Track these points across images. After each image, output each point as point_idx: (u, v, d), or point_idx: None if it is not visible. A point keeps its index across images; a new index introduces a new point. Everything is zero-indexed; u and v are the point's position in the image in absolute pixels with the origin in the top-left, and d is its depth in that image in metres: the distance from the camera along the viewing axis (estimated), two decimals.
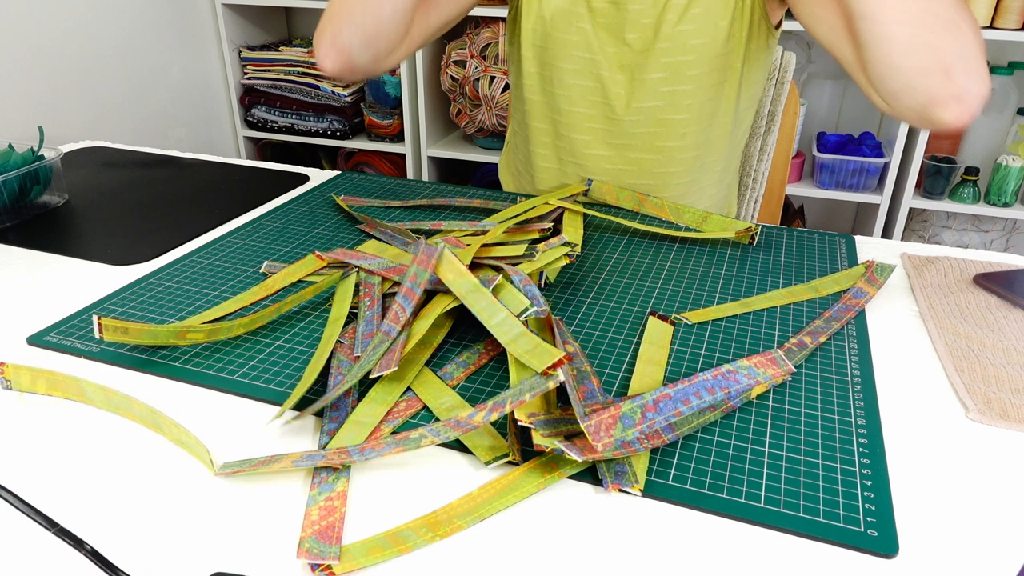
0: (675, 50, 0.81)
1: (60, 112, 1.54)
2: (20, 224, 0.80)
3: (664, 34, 0.80)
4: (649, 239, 0.76)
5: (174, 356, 0.55)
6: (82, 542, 0.39)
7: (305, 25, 2.26)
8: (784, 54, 1.03)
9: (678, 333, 0.59)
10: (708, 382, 0.49)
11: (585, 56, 0.84)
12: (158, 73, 1.82)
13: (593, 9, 0.82)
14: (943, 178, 1.73)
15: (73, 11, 1.54)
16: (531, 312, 0.53)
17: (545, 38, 0.85)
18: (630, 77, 0.84)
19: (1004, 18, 1.56)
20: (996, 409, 0.50)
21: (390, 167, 2.18)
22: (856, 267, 0.69)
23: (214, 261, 0.71)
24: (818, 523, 0.40)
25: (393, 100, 1.99)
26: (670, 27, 0.80)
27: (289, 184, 0.92)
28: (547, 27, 0.84)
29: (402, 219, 0.80)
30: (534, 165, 0.93)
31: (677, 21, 0.79)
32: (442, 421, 0.45)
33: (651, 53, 0.81)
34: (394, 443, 0.44)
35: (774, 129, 1.04)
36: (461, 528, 0.40)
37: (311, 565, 0.38)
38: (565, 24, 0.83)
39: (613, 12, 0.81)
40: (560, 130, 0.88)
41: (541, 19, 0.84)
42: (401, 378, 0.52)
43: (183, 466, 0.45)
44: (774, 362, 0.53)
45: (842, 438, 0.47)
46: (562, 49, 0.84)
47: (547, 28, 0.84)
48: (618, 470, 0.43)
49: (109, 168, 0.99)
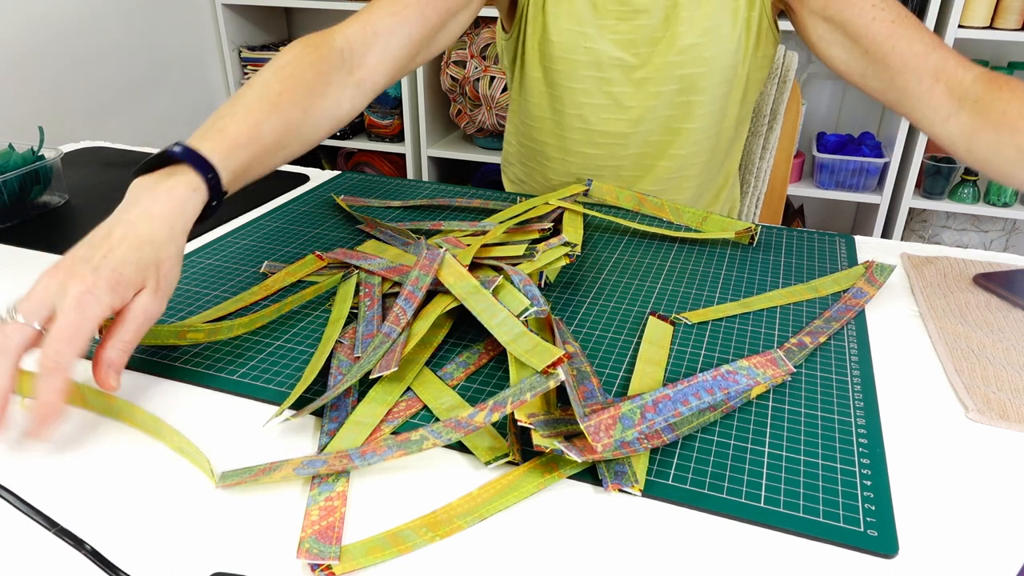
0: (688, 63, 0.81)
1: (60, 112, 1.54)
2: (20, 224, 0.80)
3: (676, 48, 0.80)
4: (649, 239, 0.76)
5: (174, 356, 0.55)
6: (82, 542, 0.39)
7: (305, 25, 2.26)
8: (787, 53, 1.03)
9: (678, 333, 0.59)
10: (708, 382, 0.49)
11: (596, 75, 0.83)
12: (159, 73, 1.82)
13: (602, 27, 0.81)
14: (943, 178, 1.73)
15: (73, 11, 1.54)
16: (531, 312, 0.53)
17: (554, 60, 0.84)
18: (643, 91, 0.83)
19: (1004, 18, 1.56)
20: (996, 409, 0.50)
21: (390, 167, 2.18)
22: (856, 267, 0.69)
23: (214, 261, 0.71)
24: (818, 523, 0.41)
25: (393, 100, 1.99)
26: (682, 40, 0.80)
27: (289, 184, 0.92)
28: (555, 49, 0.83)
29: (402, 219, 0.80)
30: (546, 177, 0.94)
31: (687, 34, 0.79)
32: (443, 422, 0.45)
33: (663, 67, 0.81)
34: (396, 446, 0.44)
35: (776, 127, 1.04)
36: (461, 528, 0.40)
37: (311, 565, 0.38)
38: (574, 45, 0.82)
39: (624, 29, 0.81)
40: (571, 146, 0.89)
41: (548, 41, 0.83)
42: (401, 378, 0.52)
43: (183, 466, 0.45)
44: (774, 362, 0.53)
45: (842, 438, 0.47)
46: (572, 69, 0.83)
47: (556, 51, 0.83)
48: (618, 470, 0.44)
49: (109, 168, 0.99)
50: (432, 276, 0.57)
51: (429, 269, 0.58)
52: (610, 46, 0.82)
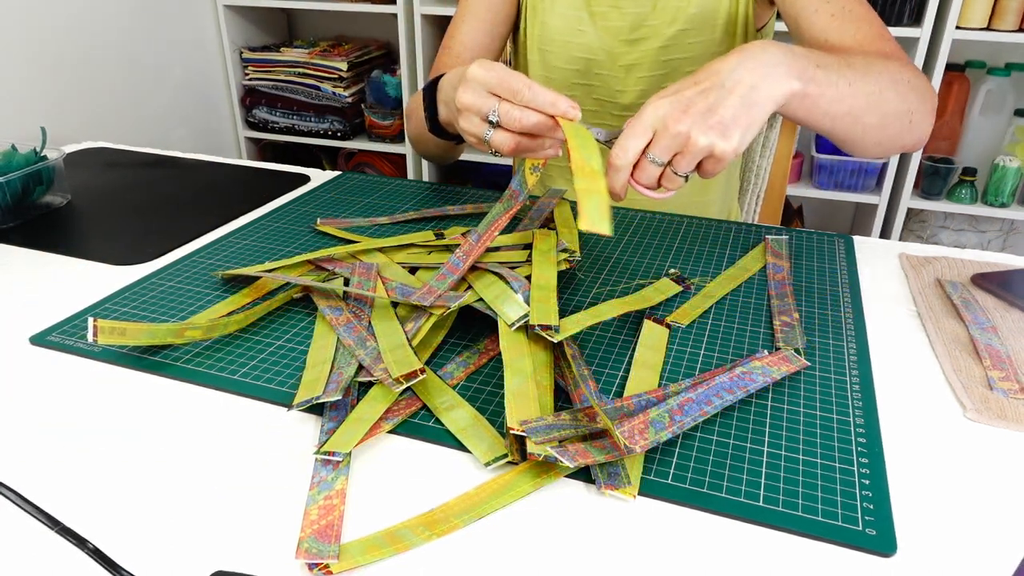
0: (674, 49, 0.84)
1: (63, 113, 1.54)
2: (23, 224, 0.80)
3: (663, 34, 0.84)
4: (649, 239, 0.76)
5: (175, 356, 0.56)
6: (85, 540, 0.39)
7: (306, 26, 2.26)
8: None
9: (676, 335, 0.59)
10: (726, 383, 0.50)
11: (586, 57, 0.88)
12: (160, 74, 1.82)
13: (594, 14, 0.87)
14: (941, 178, 1.73)
15: (75, 12, 1.54)
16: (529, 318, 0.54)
17: (549, 42, 0.89)
18: (632, 76, 0.87)
19: (1001, 19, 1.56)
20: (994, 409, 0.50)
21: (391, 167, 2.18)
22: (756, 248, 0.73)
23: (215, 261, 0.71)
24: (817, 522, 0.41)
25: (393, 101, 1.99)
26: (668, 28, 0.84)
27: (290, 184, 0.92)
28: (551, 32, 0.89)
29: (392, 233, 0.80)
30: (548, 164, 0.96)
31: (674, 21, 0.83)
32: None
33: (651, 53, 0.85)
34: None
35: (776, 125, 1.05)
36: (458, 527, 0.41)
37: (308, 564, 0.38)
38: (568, 29, 0.88)
39: (615, 16, 0.86)
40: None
41: (545, 25, 0.89)
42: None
43: (184, 466, 0.45)
44: (786, 360, 0.54)
45: (841, 437, 0.47)
46: (564, 51, 0.89)
47: (551, 33, 0.89)
48: (612, 471, 0.44)
49: (111, 168, 0.99)
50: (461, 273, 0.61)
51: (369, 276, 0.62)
52: (601, 31, 0.86)
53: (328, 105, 2.01)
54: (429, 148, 0.85)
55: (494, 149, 0.58)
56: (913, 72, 0.65)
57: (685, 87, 0.54)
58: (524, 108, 0.55)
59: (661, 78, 0.86)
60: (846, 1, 0.71)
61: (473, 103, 0.57)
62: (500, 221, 0.62)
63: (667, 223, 0.80)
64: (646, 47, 0.85)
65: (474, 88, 0.57)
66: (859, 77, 0.59)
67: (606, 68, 0.87)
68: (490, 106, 0.56)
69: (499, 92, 0.56)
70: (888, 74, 0.62)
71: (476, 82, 0.57)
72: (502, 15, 0.89)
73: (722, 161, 0.53)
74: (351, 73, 1.99)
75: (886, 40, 0.69)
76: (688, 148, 0.53)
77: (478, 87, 0.57)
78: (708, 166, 0.54)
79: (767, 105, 0.53)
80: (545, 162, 0.61)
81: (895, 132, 0.65)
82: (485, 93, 0.57)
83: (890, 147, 0.67)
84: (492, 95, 0.56)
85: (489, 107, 0.56)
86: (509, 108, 0.56)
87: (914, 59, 1.60)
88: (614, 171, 0.55)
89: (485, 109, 0.56)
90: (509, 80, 0.55)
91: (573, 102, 0.55)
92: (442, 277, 0.60)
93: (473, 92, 0.57)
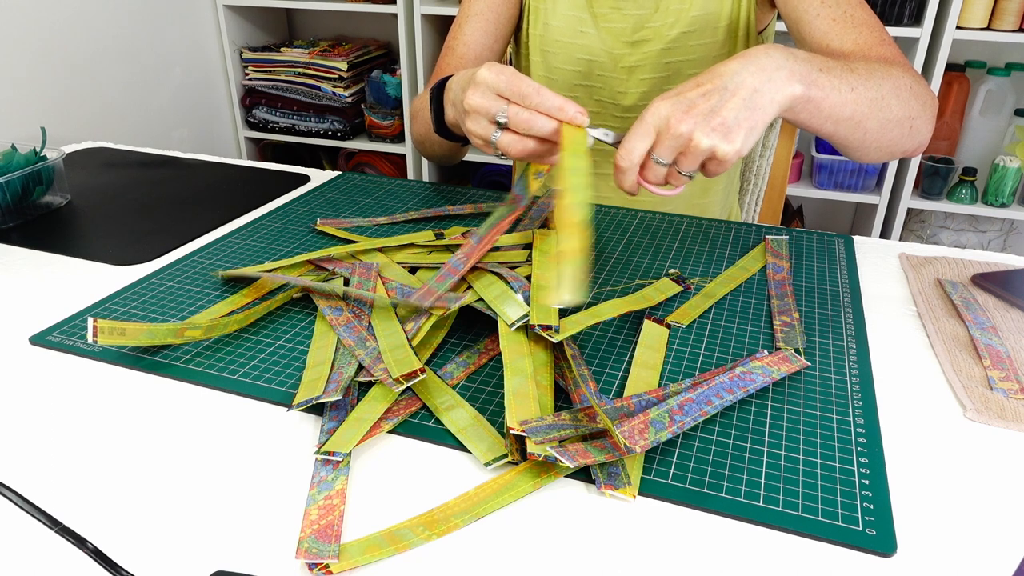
0: (676, 51, 0.84)
1: (63, 113, 1.54)
2: (23, 224, 0.80)
3: (665, 36, 0.84)
4: (649, 239, 0.76)
5: (175, 356, 0.56)
6: (85, 541, 0.39)
7: (306, 26, 2.26)
8: None
9: (676, 335, 0.59)
10: (726, 383, 0.50)
11: (588, 58, 0.88)
12: (160, 74, 1.82)
13: (596, 15, 0.87)
14: (941, 178, 1.73)
15: (75, 12, 1.54)
16: (529, 318, 0.54)
17: (551, 44, 0.89)
18: (633, 78, 0.87)
19: (1001, 19, 1.56)
20: (993, 409, 0.50)
21: (391, 167, 2.18)
22: (756, 248, 0.73)
23: (216, 261, 0.71)
24: (817, 522, 0.41)
25: (393, 101, 1.99)
26: (671, 29, 0.83)
27: (290, 184, 0.92)
28: (553, 33, 0.89)
29: (392, 233, 0.81)
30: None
31: (676, 23, 0.83)
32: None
33: (652, 55, 0.85)
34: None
35: (776, 126, 1.05)
36: (458, 527, 0.41)
37: (308, 564, 0.38)
38: (569, 30, 0.88)
39: (616, 17, 0.86)
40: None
41: (547, 26, 0.89)
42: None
43: (185, 466, 0.45)
44: (786, 359, 0.54)
45: (841, 437, 0.47)
46: (566, 52, 0.89)
47: (553, 35, 0.89)
48: (611, 471, 0.44)
49: (111, 168, 0.99)
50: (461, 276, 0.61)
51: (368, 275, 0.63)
52: (603, 33, 0.86)
53: (328, 105, 2.01)
54: (433, 149, 0.86)
55: (500, 151, 0.58)
56: (914, 77, 0.65)
57: (688, 89, 0.54)
58: (532, 111, 0.56)
59: (663, 80, 0.86)
60: (847, 5, 0.71)
61: (482, 105, 0.57)
62: (502, 224, 0.62)
63: (667, 223, 0.80)
64: (648, 49, 0.85)
65: (483, 90, 0.57)
66: (861, 82, 0.60)
67: (608, 70, 0.88)
68: (499, 108, 0.57)
69: (508, 95, 0.57)
70: (890, 79, 0.62)
71: (485, 84, 0.57)
72: (505, 16, 0.89)
73: (724, 163, 0.53)
74: (351, 73, 1.99)
75: (887, 44, 0.69)
76: (690, 149, 0.53)
77: (487, 90, 0.57)
78: (711, 167, 0.55)
79: (770, 108, 0.53)
80: (549, 168, 0.62)
81: (896, 137, 0.65)
82: (494, 96, 0.57)
83: (891, 152, 0.67)
84: (501, 98, 0.57)
85: (498, 109, 0.57)
86: (518, 111, 0.56)
87: (914, 59, 1.60)
88: (621, 172, 0.56)
89: (493, 111, 0.57)
90: (518, 83, 0.56)
91: (581, 108, 0.55)
92: (442, 279, 0.60)
93: (482, 94, 0.57)
